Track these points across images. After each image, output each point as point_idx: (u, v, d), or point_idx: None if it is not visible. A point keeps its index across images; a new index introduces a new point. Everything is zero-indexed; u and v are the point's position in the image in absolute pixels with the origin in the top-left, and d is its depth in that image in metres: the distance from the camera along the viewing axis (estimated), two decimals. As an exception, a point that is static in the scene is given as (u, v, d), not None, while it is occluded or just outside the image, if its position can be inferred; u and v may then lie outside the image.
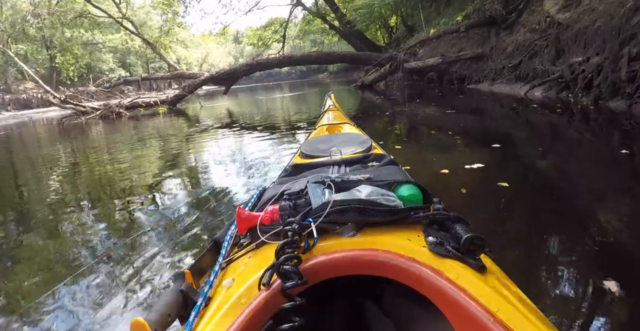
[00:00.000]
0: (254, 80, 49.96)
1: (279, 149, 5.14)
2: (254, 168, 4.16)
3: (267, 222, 0.90)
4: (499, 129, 5.54)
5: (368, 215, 0.83)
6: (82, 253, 2.39)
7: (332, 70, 44.07)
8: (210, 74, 12.98)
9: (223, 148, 5.84)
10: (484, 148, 4.12)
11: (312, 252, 0.78)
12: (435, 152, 4.22)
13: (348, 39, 24.68)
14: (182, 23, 25.79)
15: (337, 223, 0.84)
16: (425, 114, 7.48)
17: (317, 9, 25.53)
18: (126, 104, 12.29)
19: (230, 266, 0.92)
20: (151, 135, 8.25)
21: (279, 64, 13.59)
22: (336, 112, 3.33)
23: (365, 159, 1.47)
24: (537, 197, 2.73)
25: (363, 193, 0.90)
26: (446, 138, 5.03)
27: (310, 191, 0.95)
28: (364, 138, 1.94)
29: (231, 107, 13.12)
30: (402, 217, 0.86)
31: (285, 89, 24.79)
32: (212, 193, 3.35)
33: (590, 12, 7.73)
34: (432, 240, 0.79)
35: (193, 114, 12.03)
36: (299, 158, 1.81)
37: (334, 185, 0.96)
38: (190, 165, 4.85)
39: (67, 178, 4.82)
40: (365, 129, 2.72)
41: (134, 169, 4.81)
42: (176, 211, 2.99)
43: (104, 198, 3.70)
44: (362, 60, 14.38)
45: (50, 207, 3.51)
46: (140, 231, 2.59)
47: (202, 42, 51.74)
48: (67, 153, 6.96)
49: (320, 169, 1.38)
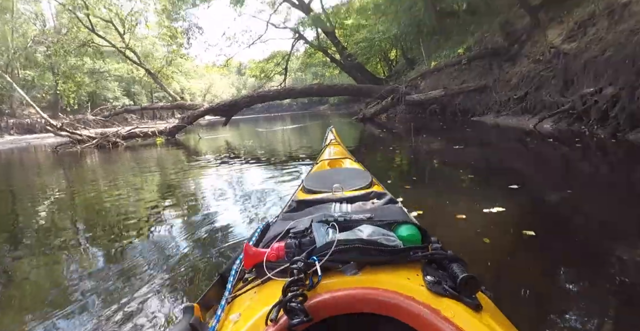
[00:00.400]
0: (256, 111, 50.13)
1: (279, 183, 4.82)
2: (254, 203, 3.95)
3: (273, 259, 0.94)
4: (513, 166, 5.13)
5: (369, 254, 0.88)
6: (78, 286, 2.24)
7: (333, 102, 44.28)
8: (210, 105, 12.74)
9: (222, 181, 5.52)
10: (501, 189, 3.69)
11: (317, 290, 0.80)
12: (449, 194, 3.78)
13: (349, 71, 24.76)
14: (185, 54, 25.87)
15: (340, 262, 0.87)
16: (433, 149, 7.08)
17: (319, 42, 25.73)
18: (123, 134, 11.97)
19: (237, 300, 0.94)
20: (148, 167, 7.87)
21: (280, 96, 13.36)
22: (337, 146, 3.35)
23: (367, 197, 1.50)
24: (567, 248, 2.33)
25: (365, 233, 0.94)
26: (458, 177, 4.61)
27: (315, 230, 0.99)
28: (364, 174, 1.98)
29: (231, 139, 12.79)
30: (402, 257, 0.90)
31: (286, 121, 24.57)
32: (212, 227, 3.16)
33: (598, 41, 7.49)
34: (430, 279, 0.82)
35: (192, 146, 11.69)
36: (302, 193, 1.83)
37: (337, 225, 0.99)
38: (188, 197, 4.57)
39: (57, 209, 4.50)
40: (369, 166, 2.63)
41: (128, 201, 4.49)
42: (174, 244, 2.85)
43: (98, 230, 3.48)
44: (363, 92, 14.18)
45: (39, 239, 3.30)
46: (137, 264, 2.47)
47: (206, 73, 52.39)
48: (58, 183, 6.59)
49: (323, 206, 1.41)
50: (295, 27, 25.93)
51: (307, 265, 0.83)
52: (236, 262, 1.08)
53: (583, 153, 5.31)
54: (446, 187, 4.16)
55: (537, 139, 6.86)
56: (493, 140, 7.86)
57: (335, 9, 26.31)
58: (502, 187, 3.71)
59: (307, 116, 31.08)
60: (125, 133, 12.03)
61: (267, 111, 50.70)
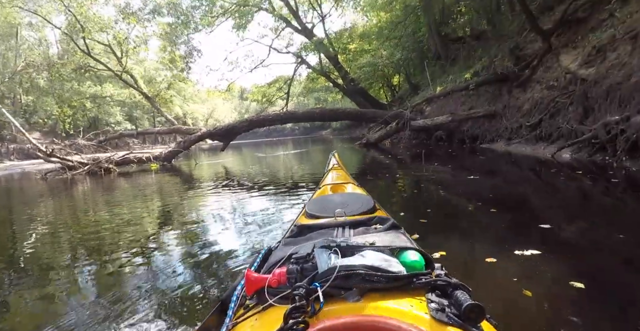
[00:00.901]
0: (258, 135, 49.92)
1: (279, 210, 4.57)
2: (253, 229, 3.74)
3: (274, 285, 0.92)
4: (540, 201, 4.47)
5: (372, 281, 0.87)
6: (74, 315, 2.16)
7: (336, 127, 44.00)
8: (207, 129, 12.18)
9: (219, 209, 5.09)
10: (531, 228, 3.08)
11: (318, 316, 0.80)
12: (472, 231, 3.18)
13: (351, 96, 24.42)
14: (184, 78, 25.45)
15: (342, 288, 0.86)
16: (445, 179, 6.44)
17: (321, 67, 25.49)
18: (117, 160, 11.40)
19: (237, 327, 0.92)
20: (141, 194, 7.31)
21: (280, 121, 12.83)
22: (340, 171, 3.34)
23: (369, 222, 1.46)
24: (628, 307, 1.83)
25: (367, 259, 0.93)
26: (479, 211, 3.97)
27: (317, 255, 0.97)
28: (367, 199, 1.94)
29: (230, 165, 12.15)
30: (405, 283, 0.88)
31: (287, 146, 24.08)
32: (209, 255, 3.02)
33: (620, 66, 6.94)
34: (434, 306, 0.81)
35: (188, 172, 11.08)
36: (304, 217, 1.81)
37: (339, 250, 0.98)
38: (184, 227, 4.20)
39: (44, 240, 4.10)
40: (376, 195, 2.44)
41: (119, 233, 4.11)
42: (172, 272, 2.73)
43: (90, 259, 3.30)
44: (367, 117, 13.64)
45: (26, 271, 3.11)
46: (134, 292, 2.39)
47: (208, 98, 52.41)
48: (43, 212, 6.03)
49: (326, 231, 1.38)
50: (297, 51, 25.78)
51: (309, 291, 0.82)
52: (237, 288, 1.07)
53: (618, 189, 4.64)
54: (467, 223, 3.57)
55: (558, 170, 6.21)
56: (509, 169, 7.21)
57: (338, 34, 26.21)
58: (532, 225, 3.11)
59: (309, 141, 30.63)
60: (118, 159, 11.46)
61: (269, 135, 50.48)
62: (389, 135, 13.12)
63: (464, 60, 15.64)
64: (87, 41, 16.80)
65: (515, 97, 10.62)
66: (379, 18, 23.67)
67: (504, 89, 11.12)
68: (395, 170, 8.25)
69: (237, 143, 36.31)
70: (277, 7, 25.03)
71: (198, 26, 24.67)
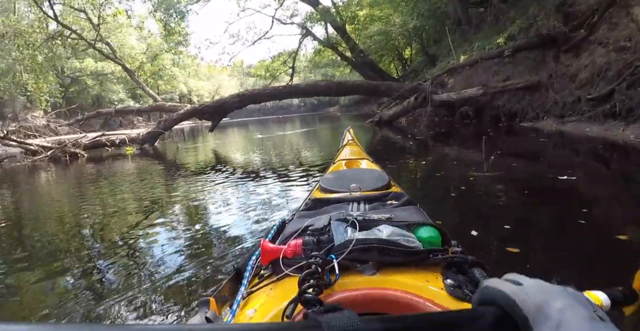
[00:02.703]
0: (262, 112, 47.75)
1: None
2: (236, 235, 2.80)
3: (289, 255, 0.90)
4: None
5: (388, 254, 0.84)
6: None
7: (344, 103, 41.25)
8: (192, 106, 10.05)
9: (200, 201, 4.11)
10: None
11: (334, 288, 0.78)
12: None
13: (360, 69, 22.01)
14: (174, 49, 22.62)
15: (358, 261, 0.83)
16: (519, 178, 4.10)
17: (328, 38, 23.02)
18: (85, 143, 9.40)
19: (252, 296, 0.90)
20: (112, 183, 5.99)
21: (280, 96, 10.65)
22: (354, 146, 3.17)
23: (384, 197, 1.42)
24: None
25: (384, 233, 0.90)
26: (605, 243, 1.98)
27: (334, 228, 0.96)
28: (382, 175, 1.84)
29: (220, 148, 10.07)
30: (421, 258, 0.85)
31: (291, 124, 21.71)
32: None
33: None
34: (450, 282, 0.78)
35: (169, 157, 9.08)
36: (319, 192, 1.73)
37: (357, 223, 0.96)
38: (158, 225, 3.34)
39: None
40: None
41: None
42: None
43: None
44: (380, 91, 11.36)
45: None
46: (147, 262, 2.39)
47: (213, 75, 50.06)
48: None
49: (340, 205, 1.34)
50: (302, 22, 23.26)
51: (324, 262, 0.78)
52: (252, 258, 1.04)
53: None
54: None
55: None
56: (575, 157, 5.09)
57: (346, 2, 23.59)
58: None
59: (316, 118, 28.17)
60: (88, 142, 9.47)
61: (275, 113, 48.18)
62: (407, 112, 10.89)
63: (491, 25, 13.23)
64: (58, 5, 14.59)
65: (565, 64, 8.36)
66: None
67: (548, 55, 8.86)
68: (421, 156, 6.17)
69: (237, 122, 34.19)
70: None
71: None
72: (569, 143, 6.34)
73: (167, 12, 19.39)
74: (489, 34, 12.45)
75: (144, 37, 25.56)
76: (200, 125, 29.46)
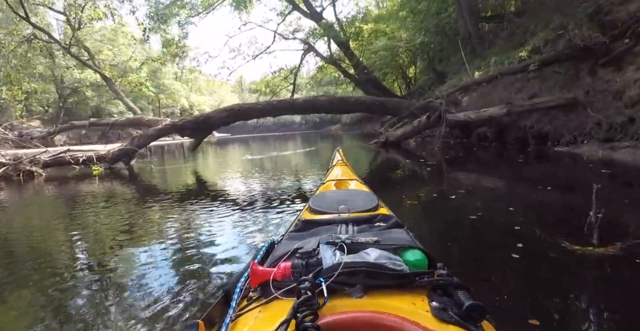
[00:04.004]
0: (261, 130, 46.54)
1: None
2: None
3: (279, 278, 0.90)
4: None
5: (376, 278, 0.84)
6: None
7: (346, 121, 39.85)
8: (171, 121, 8.63)
9: (179, 231, 3.32)
10: None
11: (322, 311, 0.77)
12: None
13: (364, 87, 20.71)
14: (160, 58, 21.07)
15: (346, 284, 0.84)
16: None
17: (331, 55, 21.81)
18: (45, 159, 7.97)
19: (241, 319, 0.89)
20: (73, 209, 4.83)
21: (274, 112, 9.22)
22: (344, 167, 3.17)
23: (373, 219, 1.43)
24: None
25: (372, 256, 0.90)
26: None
27: (322, 251, 0.95)
28: (371, 196, 1.85)
29: (202, 170, 8.60)
30: (408, 281, 0.86)
31: (289, 143, 20.04)
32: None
33: None
34: (436, 305, 0.79)
35: (143, 179, 7.63)
36: (308, 213, 1.73)
37: (345, 247, 0.96)
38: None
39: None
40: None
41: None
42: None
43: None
44: (388, 108, 9.92)
45: None
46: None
47: (216, 90, 49.05)
48: None
49: (330, 227, 1.34)
50: (305, 38, 22.11)
51: (314, 286, 0.79)
52: (241, 280, 1.03)
53: None
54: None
55: None
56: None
57: (350, 19, 22.49)
58: None
59: (317, 137, 26.68)
60: (48, 158, 8.03)
61: (277, 130, 46.96)
62: (417, 132, 9.44)
63: (507, 39, 11.94)
64: (40, 8, 13.28)
65: (604, 79, 7.03)
66: (393, 2, 19.89)
67: (582, 68, 7.53)
68: (441, 188, 4.71)
69: (238, 138, 32.72)
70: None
71: (197, 9, 21.12)
72: (614, 172, 4.90)
73: (149, 16, 18.01)
74: (506, 49, 11.16)
75: (127, 44, 24.05)
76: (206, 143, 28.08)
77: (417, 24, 16.66)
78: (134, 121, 10.33)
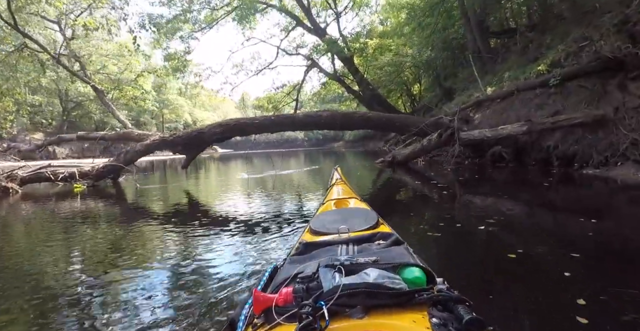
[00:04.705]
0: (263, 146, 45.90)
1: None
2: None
3: (281, 304, 0.91)
4: None
5: (375, 298, 0.85)
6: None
7: (349, 138, 39.18)
8: (161, 136, 7.90)
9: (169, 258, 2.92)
10: None
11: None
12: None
13: (368, 104, 20.08)
14: (157, 70, 20.32)
15: (347, 306, 0.84)
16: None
17: (335, 71, 21.27)
18: (23, 175, 7.23)
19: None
20: (45, 232, 4.26)
21: (272, 127, 8.48)
22: (343, 185, 3.14)
23: (373, 237, 1.43)
24: None
25: (371, 276, 0.91)
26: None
27: (322, 275, 0.96)
28: (371, 214, 1.84)
29: (193, 190, 7.80)
30: (407, 299, 0.86)
31: (290, 161, 19.17)
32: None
33: None
34: (436, 321, 0.80)
35: (127, 198, 6.86)
36: (309, 234, 1.72)
37: (343, 268, 0.97)
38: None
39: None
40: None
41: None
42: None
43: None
44: (395, 125, 9.15)
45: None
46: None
47: (220, 105, 48.75)
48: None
49: (330, 248, 1.33)
50: (309, 53, 21.63)
51: (314, 310, 0.81)
52: (245, 307, 1.03)
53: None
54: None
55: None
56: None
57: (354, 35, 22.03)
58: None
59: (320, 154, 25.85)
60: (26, 174, 7.29)
61: (280, 146, 46.37)
62: (427, 151, 8.66)
63: (521, 54, 11.28)
64: (32, 16, 12.73)
65: (636, 94, 6.28)
66: (399, 19, 19.38)
67: (610, 83, 6.83)
68: (469, 218, 3.91)
69: (241, 154, 31.85)
70: (289, 7, 21.08)
71: (201, 24, 20.71)
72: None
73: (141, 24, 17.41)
74: (519, 63, 10.47)
75: (122, 54, 23.45)
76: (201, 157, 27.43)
77: (423, 39, 16.10)
78: (123, 135, 9.62)
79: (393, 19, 21.21)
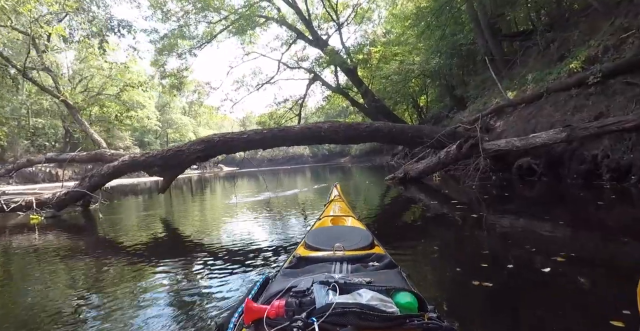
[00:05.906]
0: (273, 163, 44.78)
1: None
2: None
3: (272, 316, 0.88)
4: None
5: (366, 319, 0.83)
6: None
7: (355, 154, 37.96)
8: (131, 157, 6.70)
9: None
10: None
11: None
12: None
13: (374, 117, 18.85)
14: (143, 84, 19.17)
15: (337, 325, 0.83)
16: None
17: (338, 83, 20.23)
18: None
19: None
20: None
21: (265, 142, 7.24)
22: (341, 202, 3.07)
23: (367, 258, 1.38)
24: None
25: (364, 297, 0.89)
26: None
27: (316, 291, 0.94)
28: (366, 234, 1.79)
29: (171, 220, 6.52)
30: (398, 324, 0.85)
31: (292, 179, 17.74)
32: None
33: None
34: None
35: (93, 230, 5.64)
36: (303, 248, 1.69)
37: (337, 287, 0.94)
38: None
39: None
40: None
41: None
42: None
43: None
44: (407, 137, 7.83)
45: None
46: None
47: (224, 124, 48.10)
48: None
49: (324, 264, 1.30)
50: (311, 66, 20.65)
51: (306, 325, 0.80)
52: (234, 316, 1.00)
53: None
54: None
55: None
56: None
57: (357, 46, 21.03)
58: None
59: (326, 170, 24.57)
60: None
61: (285, 163, 45.32)
62: (445, 165, 7.36)
63: (540, 54, 10.08)
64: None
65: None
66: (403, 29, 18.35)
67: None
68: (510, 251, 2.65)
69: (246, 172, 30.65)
70: (289, 20, 20.24)
71: (199, 40, 19.86)
72: None
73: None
74: (542, 64, 9.25)
75: (103, 68, 22.19)
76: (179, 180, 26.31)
77: (430, 45, 15.00)
78: (94, 156, 8.49)
79: (398, 29, 20.24)
